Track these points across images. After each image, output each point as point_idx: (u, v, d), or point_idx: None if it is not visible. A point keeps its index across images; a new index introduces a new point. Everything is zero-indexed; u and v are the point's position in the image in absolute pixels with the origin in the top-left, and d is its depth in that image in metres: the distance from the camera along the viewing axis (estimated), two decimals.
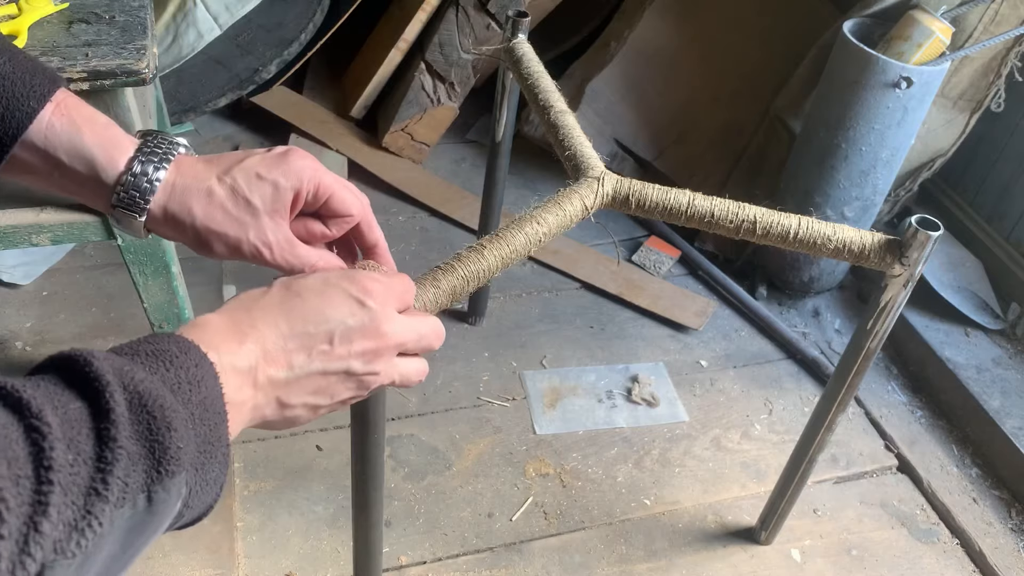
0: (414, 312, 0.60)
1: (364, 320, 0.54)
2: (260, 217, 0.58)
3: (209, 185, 0.58)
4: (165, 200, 0.57)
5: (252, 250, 0.59)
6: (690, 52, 1.97)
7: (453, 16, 1.91)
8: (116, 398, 0.39)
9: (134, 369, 0.42)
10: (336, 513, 1.31)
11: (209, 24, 1.91)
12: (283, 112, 2.05)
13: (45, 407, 0.37)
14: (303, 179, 0.59)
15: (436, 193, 1.98)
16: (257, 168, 0.59)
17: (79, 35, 0.95)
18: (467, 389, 1.54)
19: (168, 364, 0.44)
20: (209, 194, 0.57)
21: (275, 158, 0.59)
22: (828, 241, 0.91)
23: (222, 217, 0.58)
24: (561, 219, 0.89)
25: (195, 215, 0.57)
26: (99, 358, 0.41)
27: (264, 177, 0.58)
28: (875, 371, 1.69)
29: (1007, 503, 1.46)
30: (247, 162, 0.59)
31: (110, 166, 0.56)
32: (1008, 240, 1.74)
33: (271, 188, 0.58)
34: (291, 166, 0.59)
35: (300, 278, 0.55)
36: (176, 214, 0.57)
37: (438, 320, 0.60)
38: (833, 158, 1.60)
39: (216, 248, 0.58)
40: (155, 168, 0.56)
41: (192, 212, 0.57)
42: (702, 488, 1.43)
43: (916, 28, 1.46)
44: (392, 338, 0.55)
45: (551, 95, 1.11)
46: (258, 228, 0.58)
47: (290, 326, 0.51)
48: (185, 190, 0.57)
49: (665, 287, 1.81)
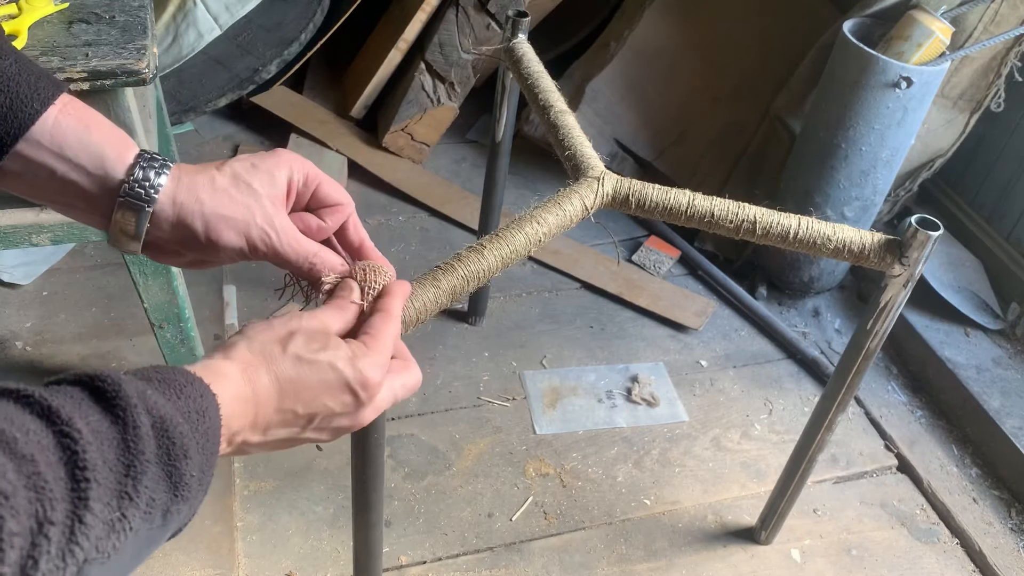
0: (397, 365, 0.60)
1: (350, 409, 0.56)
2: (263, 200, 0.60)
3: (211, 175, 0.59)
4: (174, 190, 0.58)
5: (261, 234, 0.60)
6: (690, 52, 1.97)
7: (453, 16, 1.91)
8: (142, 418, 0.42)
9: (154, 394, 0.44)
10: (336, 513, 1.31)
11: (209, 24, 1.91)
12: (283, 112, 2.05)
13: (74, 415, 0.39)
14: (293, 168, 0.62)
15: (436, 193, 1.98)
16: (251, 160, 0.61)
17: (79, 35, 0.95)
18: (467, 389, 1.54)
19: (179, 392, 0.46)
20: (212, 181, 0.59)
21: (265, 153, 0.62)
22: (828, 241, 0.91)
23: (229, 202, 0.59)
24: (561, 219, 0.89)
25: (203, 201, 0.58)
26: (125, 380, 0.42)
27: (259, 166, 0.61)
28: (875, 371, 1.69)
29: (1007, 503, 1.46)
30: (240, 157, 0.62)
31: (120, 162, 0.57)
32: (1008, 240, 1.74)
33: (267, 175, 0.61)
34: (281, 157, 0.62)
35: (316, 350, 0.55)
36: (185, 204, 0.58)
37: (418, 371, 0.62)
38: (833, 158, 1.60)
39: (224, 237, 0.59)
40: (156, 173, 0.58)
41: (201, 199, 0.58)
42: (702, 488, 1.43)
43: (916, 28, 1.46)
44: (368, 420, 0.58)
45: (551, 95, 1.11)
46: (263, 211, 0.60)
47: (281, 402, 0.53)
48: (191, 181, 0.59)
49: (665, 287, 1.81)
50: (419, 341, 1.62)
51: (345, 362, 0.55)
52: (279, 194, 0.61)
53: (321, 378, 0.54)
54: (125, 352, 1.49)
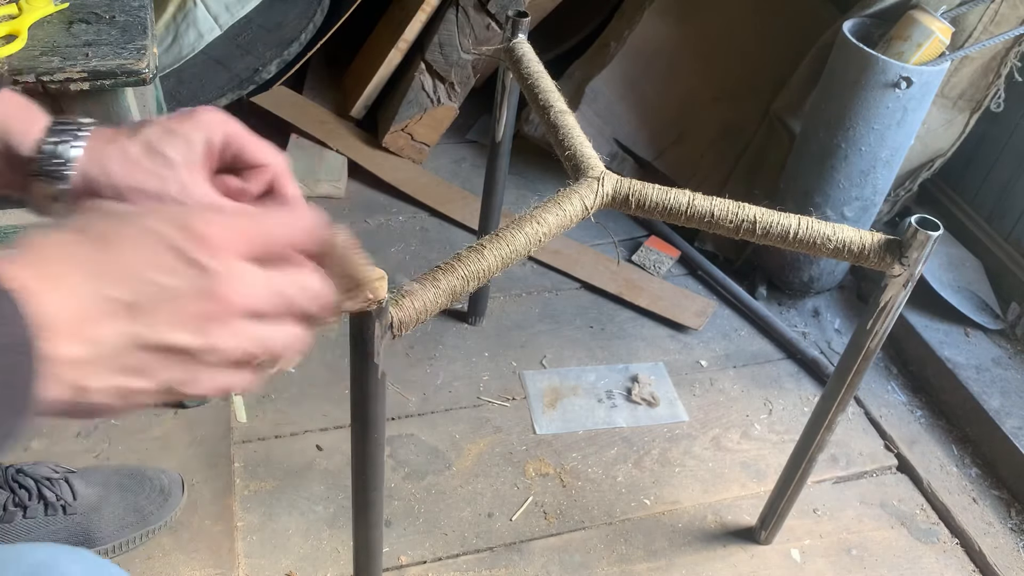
0: (285, 262, 0.46)
1: (194, 280, 0.41)
2: (178, 169, 0.56)
3: (122, 144, 0.56)
4: (85, 165, 0.54)
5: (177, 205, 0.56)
6: (690, 52, 1.98)
7: (453, 16, 1.91)
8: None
9: None
10: (336, 513, 1.31)
11: (209, 24, 1.91)
12: (283, 112, 2.05)
13: None
14: (213, 129, 0.57)
15: (436, 193, 1.98)
16: (166, 124, 0.57)
17: (79, 35, 0.95)
18: (467, 389, 1.55)
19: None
20: (123, 152, 0.55)
21: (183, 115, 0.58)
22: (828, 241, 0.91)
23: (141, 174, 0.55)
24: (561, 219, 0.89)
25: (112, 174, 0.55)
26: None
27: (175, 131, 0.57)
28: (875, 371, 1.69)
29: (1007, 503, 1.46)
30: (156, 121, 0.58)
31: (25, 137, 0.53)
32: (1008, 240, 1.74)
33: (183, 141, 0.56)
34: (200, 118, 0.57)
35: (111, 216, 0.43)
36: (95, 178, 0.55)
37: (314, 274, 0.47)
38: (833, 158, 1.60)
39: None
40: (74, 137, 0.54)
41: (109, 172, 0.55)
42: (702, 488, 1.43)
43: (916, 28, 1.46)
44: (235, 303, 0.42)
45: (551, 95, 1.11)
46: (178, 181, 0.56)
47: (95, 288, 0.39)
48: (101, 153, 0.55)
49: (665, 287, 1.81)
50: (419, 341, 1.62)
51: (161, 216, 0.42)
52: (196, 159, 0.56)
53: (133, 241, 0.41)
54: None
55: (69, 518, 1.14)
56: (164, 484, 1.22)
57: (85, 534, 1.15)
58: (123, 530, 1.18)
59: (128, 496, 1.19)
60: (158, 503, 1.21)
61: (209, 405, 1.41)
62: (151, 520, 1.20)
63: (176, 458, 1.32)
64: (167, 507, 1.21)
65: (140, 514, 1.19)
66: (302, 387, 1.49)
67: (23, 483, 1.13)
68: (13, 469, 1.15)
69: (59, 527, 1.14)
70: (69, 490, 1.16)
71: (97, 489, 1.19)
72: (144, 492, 1.20)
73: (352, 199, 1.96)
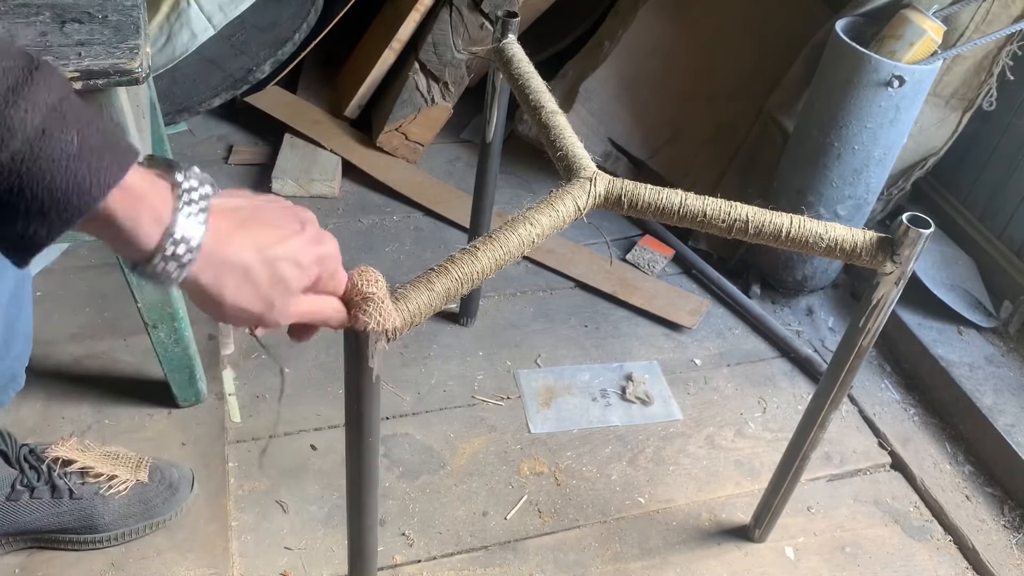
0: None
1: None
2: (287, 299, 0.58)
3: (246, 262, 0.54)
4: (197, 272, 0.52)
5: (270, 324, 0.60)
6: (684, 51, 1.98)
7: (447, 16, 1.92)
8: None
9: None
10: (331, 512, 1.31)
11: (203, 24, 1.91)
12: (277, 112, 2.05)
13: None
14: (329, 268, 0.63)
15: (430, 193, 1.98)
16: (298, 255, 0.58)
17: (72, 34, 0.95)
18: (461, 388, 1.55)
19: None
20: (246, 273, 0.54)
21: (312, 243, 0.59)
22: (820, 240, 0.91)
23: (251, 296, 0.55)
24: (554, 220, 0.89)
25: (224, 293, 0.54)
26: None
27: (303, 265, 0.58)
28: (868, 369, 1.69)
29: (1000, 500, 1.47)
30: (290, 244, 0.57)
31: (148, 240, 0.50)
32: (1000, 238, 1.75)
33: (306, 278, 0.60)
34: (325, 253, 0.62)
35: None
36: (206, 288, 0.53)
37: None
38: (826, 157, 1.60)
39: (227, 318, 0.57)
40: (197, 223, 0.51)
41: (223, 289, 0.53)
42: (696, 486, 1.43)
43: (908, 27, 1.47)
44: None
45: (541, 95, 1.11)
46: (283, 308, 0.58)
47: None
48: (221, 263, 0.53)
49: (659, 286, 1.81)
50: (413, 340, 1.62)
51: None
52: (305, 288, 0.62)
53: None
54: (119, 352, 1.49)
55: (74, 502, 1.15)
56: (174, 479, 1.23)
57: (88, 520, 1.16)
58: (127, 520, 1.18)
59: (136, 487, 1.20)
60: (164, 497, 1.21)
61: (203, 405, 1.41)
62: (156, 513, 1.20)
63: (170, 458, 1.32)
64: (173, 502, 1.22)
65: (146, 506, 1.20)
66: (296, 387, 1.49)
67: (35, 464, 1.14)
68: (27, 448, 1.15)
69: (63, 510, 1.15)
70: (78, 476, 1.16)
71: None
72: (152, 484, 1.21)
73: (346, 199, 1.96)
